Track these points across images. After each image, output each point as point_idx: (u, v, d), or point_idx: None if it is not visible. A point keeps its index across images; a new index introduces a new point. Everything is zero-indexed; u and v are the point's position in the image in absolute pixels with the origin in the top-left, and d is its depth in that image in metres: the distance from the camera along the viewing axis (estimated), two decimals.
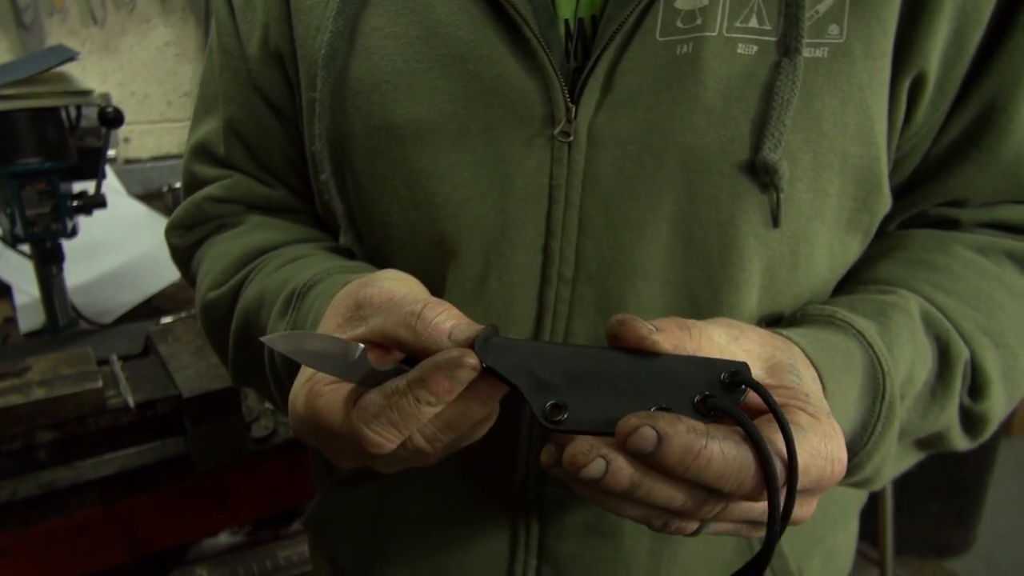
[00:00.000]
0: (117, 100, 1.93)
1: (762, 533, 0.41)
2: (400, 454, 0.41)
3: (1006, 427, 2.67)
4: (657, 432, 0.35)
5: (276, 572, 1.21)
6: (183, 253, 0.68)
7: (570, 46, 0.49)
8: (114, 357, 1.12)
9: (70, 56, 1.17)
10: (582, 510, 0.54)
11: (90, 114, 1.23)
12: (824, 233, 0.50)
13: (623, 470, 0.36)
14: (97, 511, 0.99)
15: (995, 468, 2.19)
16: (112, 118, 1.19)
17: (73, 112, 1.22)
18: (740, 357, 0.41)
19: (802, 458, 0.37)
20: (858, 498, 0.65)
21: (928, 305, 0.51)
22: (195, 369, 1.07)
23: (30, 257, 1.26)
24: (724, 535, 0.41)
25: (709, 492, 0.37)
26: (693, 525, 0.40)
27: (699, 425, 0.36)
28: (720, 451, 0.35)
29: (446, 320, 0.40)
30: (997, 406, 0.52)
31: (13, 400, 0.93)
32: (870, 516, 1.94)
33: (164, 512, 1.03)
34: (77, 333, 1.29)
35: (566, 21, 0.49)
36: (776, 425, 0.37)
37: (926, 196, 0.55)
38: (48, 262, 1.26)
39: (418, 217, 0.52)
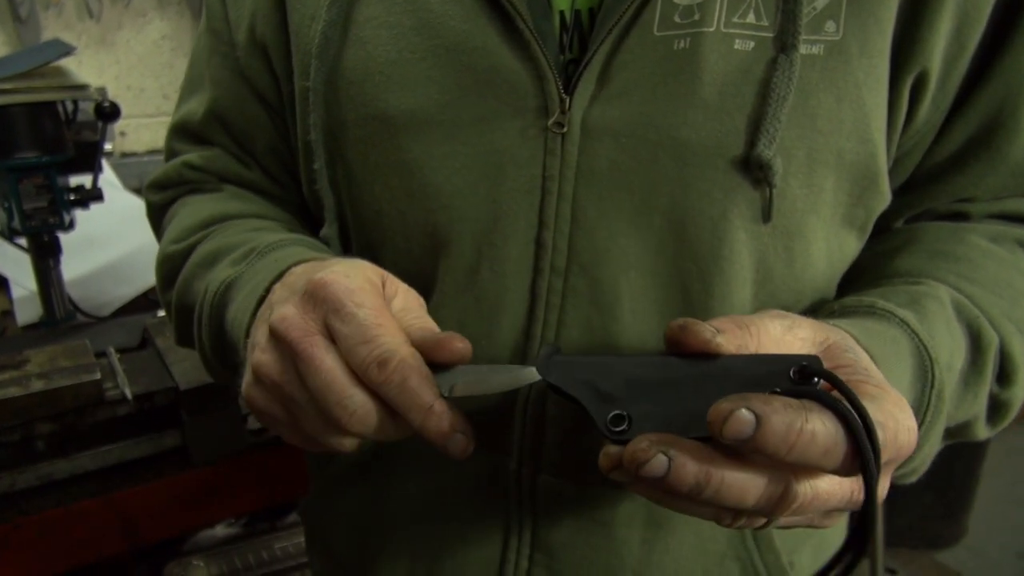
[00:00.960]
0: (113, 94, 1.93)
1: (834, 522, 0.41)
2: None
3: None
4: (754, 413, 0.34)
5: (272, 563, 1.22)
6: (157, 210, 0.71)
7: (565, 38, 0.49)
8: (111, 349, 1.13)
9: (67, 51, 1.17)
10: (576, 499, 0.54)
11: (87, 108, 1.24)
12: (819, 228, 0.50)
13: (687, 466, 0.35)
14: (95, 502, 0.99)
15: (985, 460, 2.21)
16: (109, 112, 1.19)
17: (70, 106, 1.22)
18: (796, 346, 0.41)
19: (889, 425, 0.36)
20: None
21: (957, 293, 0.51)
22: (192, 362, 1.07)
23: (27, 250, 1.27)
24: (794, 527, 0.41)
25: (787, 484, 0.36)
26: (763, 519, 0.39)
27: (793, 401, 0.35)
28: (823, 424, 0.34)
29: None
30: (1022, 392, 0.52)
31: (12, 392, 0.94)
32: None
33: (161, 503, 1.04)
34: (74, 326, 1.30)
35: (561, 12, 0.49)
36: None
37: (935, 195, 0.56)
38: (45, 255, 1.26)
39: (409, 207, 0.52)
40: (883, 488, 0.40)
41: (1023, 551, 2.27)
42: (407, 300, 0.46)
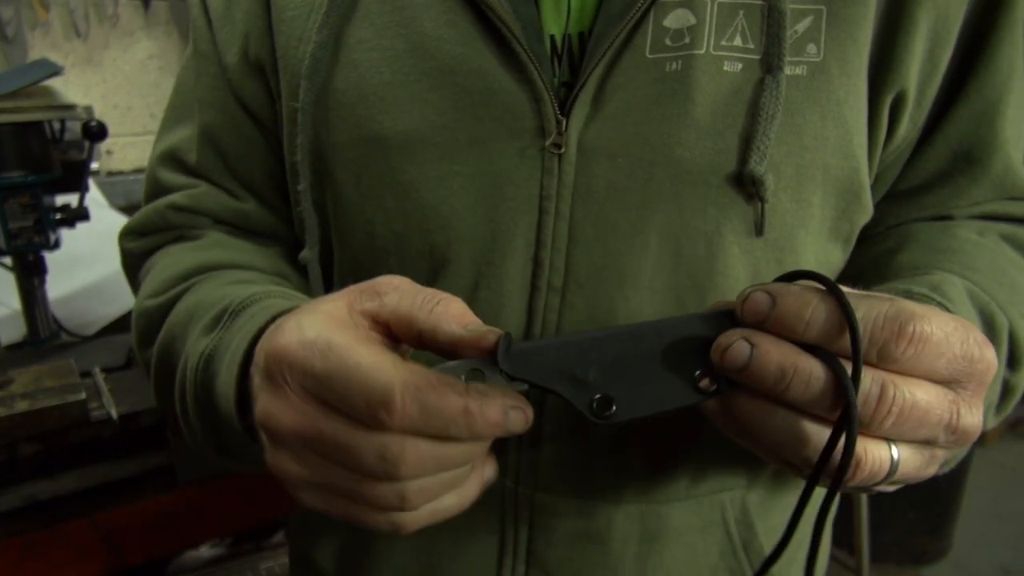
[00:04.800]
0: (100, 113, 1.93)
1: (933, 468, 0.40)
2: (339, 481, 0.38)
3: (981, 436, 2.71)
4: (768, 293, 0.36)
5: None
6: (134, 258, 0.66)
7: (556, 61, 0.50)
8: (97, 369, 1.13)
9: (54, 71, 1.18)
10: (572, 516, 0.55)
11: (73, 127, 1.24)
12: (808, 242, 0.52)
13: (770, 352, 0.36)
14: (80, 523, 0.99)
15: (969, 476, 2.23)
16: (96, 132, 1.19)
17: (57, 126, 1.22)
18: None
19: (936, 321, 0.35)
20: (833, 507, 0.66)
21: (965, 281, 0.52)
22: None
23: (11, 270, 1.26)
24: (910, 477, 0.39)
25: (883, 383, 0.36)
26: (884, 456, 0.37)
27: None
28: (821, 301, 0.35)
29: (464, 314, 0.38)
30: None
31: None
32: (846, 524, 1.96)
33: (147, 524, 1.04)
34: (59, 345, 1.29)
35: (552, 36, 0.50)
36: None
37: (922, 206, 0.58)
38: (31, 275, 1.25)
39: (405, 228, 0.52)
40: (975, 415, 0.38)
41: (1007, 566, 2.29)
42: (402, 286, 0.40)
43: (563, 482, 0.54)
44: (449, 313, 0.38)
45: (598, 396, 0.37)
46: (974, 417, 0.37)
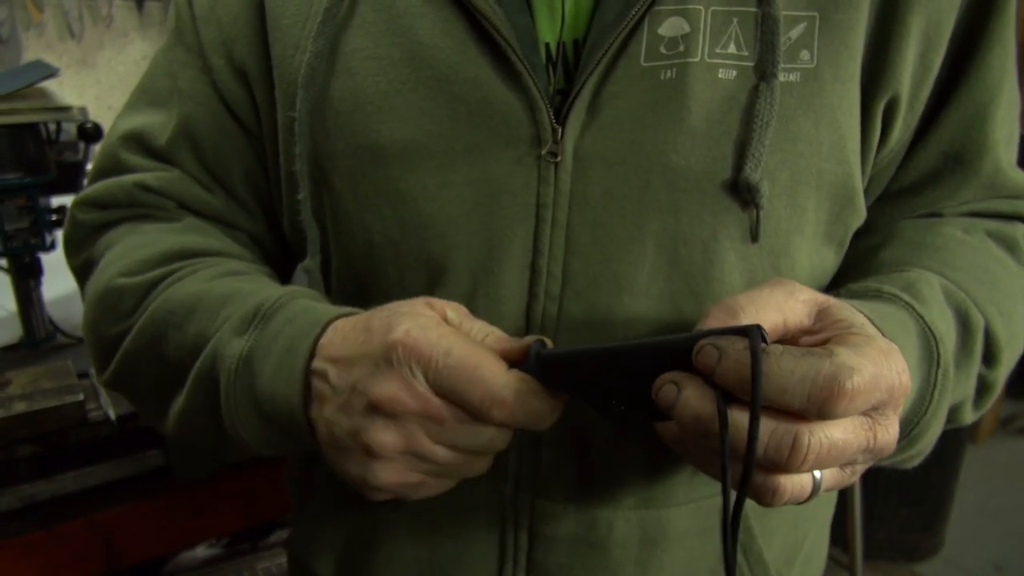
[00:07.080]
0: (94, 114, 1.92)
1: (857, 476, 0.43)
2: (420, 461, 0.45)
3: (972, 433, 2.73)
4: (717, 348, 0.38)
5: None
6: (85, 230, 0.63)
7: (551, 69, 0.50)
8: (94, 370, 1.12)
9: (50, 73, 1.18)
10: (572, 522, 0.54)
11: (69, 129, 1.24)
12: (803, 246, 0.52)
13: (690, 400, 0.38)
14: (78, 524, 0.99)
15: (961, 473, 2.24)
16: (91, 133, 1.20)
17: (52, 127, 1.23)
18: (799, 308, 0.43)
19: (868, 368, 0.37)
20: (830, 505, 0.67)
21: (943, 279, 0.53)
22: None
23: (7, 271, 1.27)
24: (832, 488, 0.42)
25: (796, 431, 0.38)
26: (805, 482, 0.40)
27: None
28: (776, 364, 0.37)
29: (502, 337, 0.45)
30: (1004, 373, 0.54)
31: None
32: (840, 521, 1.97)
33: (145, 524, 1.04)
34: (55, 346, 1.29)
35: (547, 44, 0.50)
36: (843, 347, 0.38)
37: (913, 207, 0.58)
38: (27, 276, 1.26)
39: (403, 237, 0.52)
40: (891, 432, 0.40)
41: (999, 562, 2.30)
42: (458, 310, 0.47)
43: (563, 488, 0.54)
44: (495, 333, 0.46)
45: (613, 404, 0.43)
46: (890, 435, 0.40)
